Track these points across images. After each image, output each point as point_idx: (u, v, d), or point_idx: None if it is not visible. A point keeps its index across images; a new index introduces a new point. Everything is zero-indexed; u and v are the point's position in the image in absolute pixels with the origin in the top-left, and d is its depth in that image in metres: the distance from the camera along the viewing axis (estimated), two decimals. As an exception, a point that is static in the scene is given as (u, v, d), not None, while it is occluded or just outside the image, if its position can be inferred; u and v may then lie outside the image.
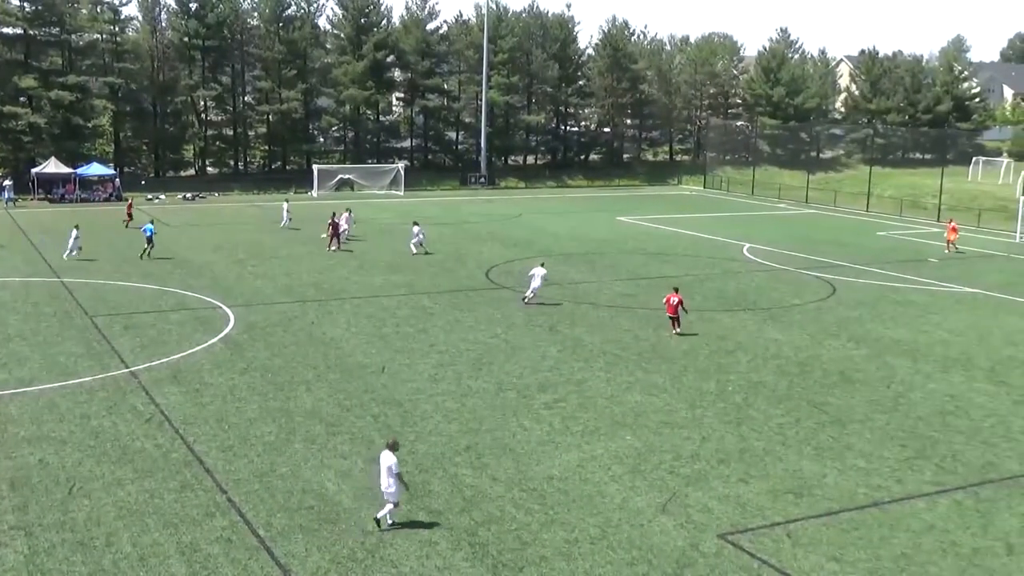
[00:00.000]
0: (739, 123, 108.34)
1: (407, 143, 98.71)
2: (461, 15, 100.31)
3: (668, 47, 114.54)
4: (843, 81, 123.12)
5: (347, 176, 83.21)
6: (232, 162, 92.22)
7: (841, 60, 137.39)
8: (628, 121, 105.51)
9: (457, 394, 26.48)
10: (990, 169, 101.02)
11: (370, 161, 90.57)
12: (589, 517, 18.91)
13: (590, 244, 54.65)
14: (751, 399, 26.71)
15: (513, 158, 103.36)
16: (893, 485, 20.98)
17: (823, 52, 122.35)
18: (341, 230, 50.94)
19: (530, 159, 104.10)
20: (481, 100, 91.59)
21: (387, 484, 18.07)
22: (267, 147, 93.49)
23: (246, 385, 26.83)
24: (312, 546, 17.44)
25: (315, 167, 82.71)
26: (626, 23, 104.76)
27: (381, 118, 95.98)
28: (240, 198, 78.00)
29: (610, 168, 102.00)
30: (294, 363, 29.11)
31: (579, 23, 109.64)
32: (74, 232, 46.42)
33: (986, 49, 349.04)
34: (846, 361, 30.91)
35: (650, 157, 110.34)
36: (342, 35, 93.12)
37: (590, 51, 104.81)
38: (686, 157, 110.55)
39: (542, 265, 39.25)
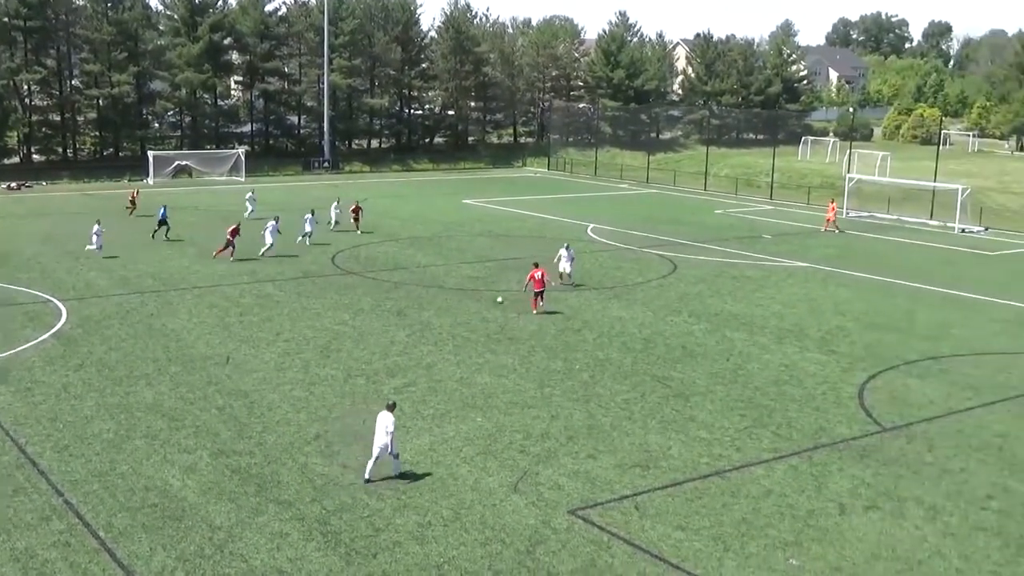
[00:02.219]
0: (581, 105, 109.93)
1: (247, 128, 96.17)
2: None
3: (510, 30, 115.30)
4: (680, 64, 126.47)
5: (185, 162, 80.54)
6: (60, 149, 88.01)
7: (678, 43, 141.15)
8: (472, 104, 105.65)
9: (305, 382, 26.09)
10: (818, 148, 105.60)
11: (209, 147, 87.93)
12: (442, 500, 18.96)
13: (437, 227, 54.59)
14: (598, 376, 27.26)
15: (357, 142, 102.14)
16: (733, 453, 21.80)
17: (660, 35, 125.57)
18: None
19: (374, 143, 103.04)
20: (323, 83, 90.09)
21: (383, 440, 19.32)
22: (98, 133, 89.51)
23: (81, 381, 25.75)
24: (157, 545, 16.91)
25: (150, 153, 79.67)
26: (468, 6, 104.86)
27: (219, 102, 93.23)
28: (70, 187, 74.49)
29: (455, 151, 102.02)
30: (133, 357, 28.10)
31: (421, 5, 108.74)
32: (96, 227, 44.10)
33: (812, 33, 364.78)
34: (687, 336, 31.88)
35: (495, 140, 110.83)
36: (175, 16, 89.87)
37: (433, 34, 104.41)
38: (530, 139, 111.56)
39: (567, 246, 39.88)
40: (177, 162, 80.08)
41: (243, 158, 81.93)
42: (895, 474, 20.87)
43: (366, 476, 19.60)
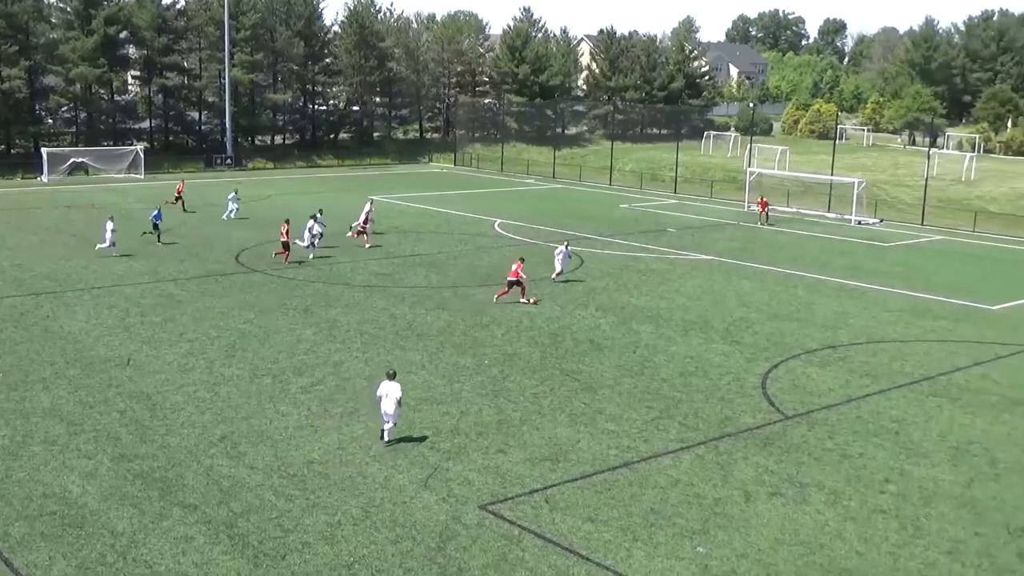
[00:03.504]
0: (487, 101, 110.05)
1: (146, 124, 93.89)
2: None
3: (415, 25, 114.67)
4: (584, 60, 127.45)
5: (81, 160, 78.21)
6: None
7: (582, 39, 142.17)
8: (377, 99, 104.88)
9: (209, 383, 25.60)
10: (720, 143, 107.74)
11: (105, 143, 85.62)
12: (351, 499, 18.80)
13: (329, 224, 53.98)
14: (507, 371, 27.33)
15: (260, 138, 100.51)
16: (641, 445, 22.08)
17: (565, 31, 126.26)
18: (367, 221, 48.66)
19: (278, 139, 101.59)
20: (224, 79, 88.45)
21: (391, 408, 21.06)
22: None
23: (-26, 387, 24.85)
24: (57, 553, 16.42)
25: (44, 151, 77.24)
26: (372, 0, 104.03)
27: (116, 98, 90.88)
28: (-41, 185, 71.82)
29: (360, 147, 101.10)
30: (28, 360, 27.21)
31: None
32: (109, 223, 42.64)
33: (713, 30, 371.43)
34: (595, 329, 32.17)
35: (400, 135, 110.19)
36: (68, 8, 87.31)
37: (336, 28, 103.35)
38: (436, 135, 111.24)
39: (566, 245, 40.39)
40: (72, 159, 77.72)
41: (142, 155, 79.88)
42: (797, 461, 21.40)
43: (384, 439, 21.47)
